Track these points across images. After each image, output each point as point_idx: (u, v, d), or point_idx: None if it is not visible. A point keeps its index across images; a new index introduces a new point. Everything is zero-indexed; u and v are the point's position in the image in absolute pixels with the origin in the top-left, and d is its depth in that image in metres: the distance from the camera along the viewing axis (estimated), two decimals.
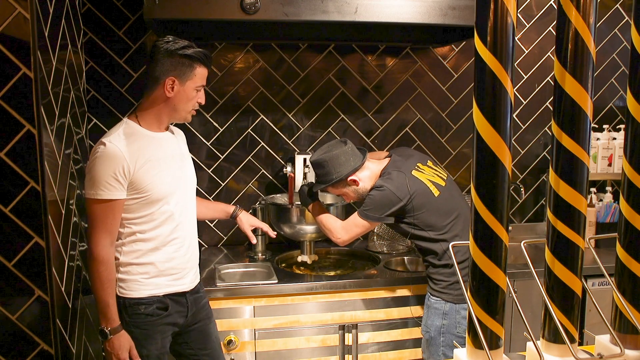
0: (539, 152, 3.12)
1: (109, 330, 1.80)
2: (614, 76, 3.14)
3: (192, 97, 1.87)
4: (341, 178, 2.19)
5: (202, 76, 1.87)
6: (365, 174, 2.23)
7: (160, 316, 1.89)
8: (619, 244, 0.95)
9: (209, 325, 2.09)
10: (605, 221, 2.97)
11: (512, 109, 0.81)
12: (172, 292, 1.92)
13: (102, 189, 1.75)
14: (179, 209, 1.91)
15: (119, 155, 1.75)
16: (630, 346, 0.95)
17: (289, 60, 2.82)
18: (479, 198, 0.83)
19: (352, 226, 2.24)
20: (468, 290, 0.88)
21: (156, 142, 1.88)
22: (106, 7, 2.59)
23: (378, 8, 2.23)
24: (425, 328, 2.24)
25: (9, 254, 1.66)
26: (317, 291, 2.33)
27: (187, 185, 1.98)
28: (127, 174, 1.77)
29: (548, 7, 3.01)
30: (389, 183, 2.14)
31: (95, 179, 1.75)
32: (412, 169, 2.20)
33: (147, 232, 1.86)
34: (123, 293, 1.86)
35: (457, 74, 2.98)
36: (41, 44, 1.67)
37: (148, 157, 1.82)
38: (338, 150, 2.20)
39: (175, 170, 1.92)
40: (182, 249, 1.94)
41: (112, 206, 1.77)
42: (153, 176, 1.82)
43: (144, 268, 1.87)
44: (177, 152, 1.96)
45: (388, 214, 2.15)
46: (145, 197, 1.82)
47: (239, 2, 2.11)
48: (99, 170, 1.75)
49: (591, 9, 0.82)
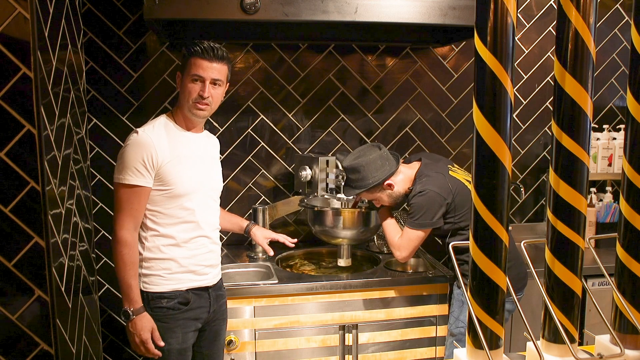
0: (539, 152, 3.12)
1: (132, 311, 1.84)
2: (614, 76, 3.14)
3: (190, 90, 1.87)
4: (378, 183, 2.19)
5: (196, 66, 1.86)
6: (399, 177, 2.24)
7: (181, 310, 1.92)
8: (619, 244, 0.95)
9: (222, 326, 2.12)
10: (605, 221, 2.97)
11: (512, 109, 0.81)
12: (195, 286, 1.95)
13: (129, 174, 1.80)
14: (200, 208, 1.94)
15: (149, 143, 1.82)
16: (630, 346, 0.95)
17: (289, 60, 2.82)
18: (479, 198, 0.83)
19: (407, 241, 2.21)
20: (468, 290, 0.88)
21: (186, 140, 1.93)
22: (106, 7, 2.59)
23: (378, 8, 2.23)
24: (457, 323, 2.25)
25: (9, 254, 1.66)
26: (317, 291, 2.33)
27: (211, 187, 2.00)
28: (155, 163, 1.82)
29: (548, 7, 3.00)
30: (430, 185, 2.13)
31: (124, 164, 1.81)
32: (447, 170, 2.21)
33: (168, 227, 1.89)
34: (146, 287, 1.90)
35: (457, 74, 2.98)
36: (41, 44, 1.67)
37: (176, 153, 1.87)
38: (374, 154, 2.20)
39: (201, 171, 1.95)
40: (203, 247, 1.97)
41: (137, 192, 1.82)
42: (179, 171, 1.86)
43: (166, 264, 1.90)
44: (205, 154, 2.00)
45: (439, 216, 2.14)
46: (169, 190, 1.86)
47: (239, 2, 2.11)
48: (129, 155, 1.81)
49: (591, 9, 0.82)
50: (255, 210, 2.70)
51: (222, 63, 1.89)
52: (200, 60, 1.86)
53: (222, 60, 1.89)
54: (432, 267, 2.53)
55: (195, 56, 1.86)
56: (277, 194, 2.89)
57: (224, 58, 1.89)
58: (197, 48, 1.86)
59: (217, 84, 1.90)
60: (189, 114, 1.92)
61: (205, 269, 1.98)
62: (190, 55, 1.87)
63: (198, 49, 1.86)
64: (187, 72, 1.88)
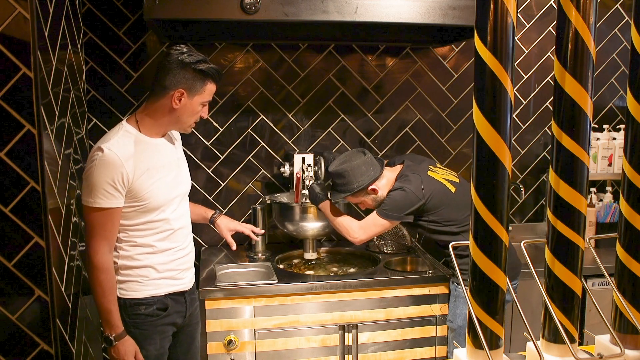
0: (539, 152, 3.12)
1: (114, 337, 1.78)
2: (614, 76, 3.14)
3: (197, 112, 1.86)
4: (362, 187, 2.25)
5: (210, 92, 1.85)
6: (382, 182, 2.31)
7: (159, 316, 1.89)
8: (619, 244, 0.95)
9: (196, 330, 2.10)
10: (605, 221, 2.97)
11: (512, 109, 0.81)
12: (173, 291, 1.92)
13: (100, 197, 1.70)
14: (175, 215, 1.91)
15: (118, 163, 1.70)
16: (630, 346, 0.95)
17: (289, 60, 2.82)
18: (479, 198, 0.83)
19: (370, 225, 2.29)
20: (468, 290, 0.88)
21: (154, 149, 1.85)
22: (106, 7, 2.59)
23: (378, 8, 2.23)
24: (452, 318, 2.32)
25: (9, 254, 1.66)
26: (317, 291, 2.33)
27: (183, 191, 1.97)
28: (125, 182, 1.73)
29: (548, 7, 3.00)
30: (408, 184, 2.22)
31: (93, 187, 1.70)
32: (426, 170, 2.29)
33: (144, 238, 1.84)
34: (124, 294, 1.84)
35: (457, 74, 2.98)
36: (41, 44, 1.67)
37: (146, 165, 1.79)
38: (359, 160, 2.27)
39: (173, 178, 1.90)
40: (180, 252, 1.94)
41: (110, 214, 1.74)
42: (151, 185, 1.79)
43: (143, 271, 1.86)
44: (174, 158, 1.94)
45: (408, 213, 2.22)
46: (143, 205, 1.79)
47: (239, 2, 2.11)
48: (97, 177, 1.69)
49: (591, 9, 0.82)
50: (255, 210, 2.70)
51: None
52: (214, 86, 1.86)
53: None
54: (432, 267, 2.53)
55: (213, 82, 1.84)
56: (277, 194, 2.89)
57: None
58: (214, 71, 1.82)
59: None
60: (181, 129, 1.91)
61: (182, 273, 1.95)
62: (207, 78, 1.81)
63: (215, 73, 1.82)
64: (200, 96, 1.82)
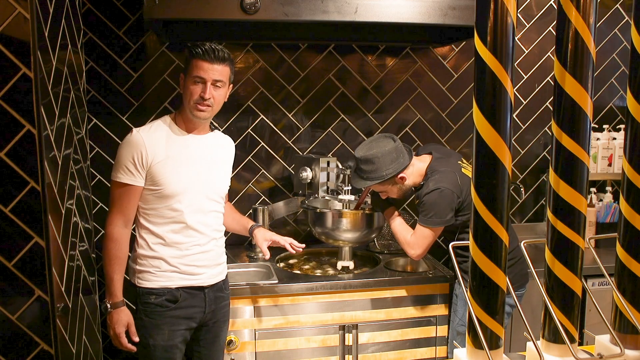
0: (539, 152, 3.12)
1: (110, 304, 1.91)
2: (614, 76, 3.14)
3: (191, 91, 1.89)
4: (392, 175, 2.15)
5: (197, 68, 1.87)
6: (410, 171, 2.20)
7: (169, 308, 1.93)
8: (619, 244, 0.95)
9: (222, 328, 2.12)
10: (605, 221, 2.97)
11: (512, 109, 0.81)
12: (187, 285, 1.96)
13: (121, 172, 1.87)
14: (191, 210, 1.93)
15: (140, 142, 1.86)
16: (630, 346, 0.95)
17: (289, 60, 2.82)
18: (479, 198, 0.83)
19: (420, 239, 2.18)
20: (468, 290, 0.88)
21: (182, 142, 1.95)
22: (106, 7, 2.59)
23: (378, 8, 2.23)
24: (461, 322, 2.24)
25: (9, 254, 1.66)
26: (317, 291, 2.33)
27: (206, 189, 1.98)
28: (144, 162, 1.86)
29: (548, 7, 3.00)
30: (443, 182, 2.11)
31: (117, 162, 1.89)
32: (458, 166, 2.19)
33: (158, 226, 1.92)
34: (139, 283, 1.94)
35: (457, 74, 2.98)
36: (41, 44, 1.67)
37: (169, 154, 1.89)
38: (389, 146, 2.15)
39: (196, 173, 1.94)
40: (196, 247, 1.97)
41: (128, 190, 1.88)
42: (169, 172, 1.88)
43: (156, 261, 1.93)
44: (206, 156, 1.99)
45: (451, 214, 2.12)
46: (158, 190, 1.89)
47: (239, 2, 2.11)
48: (121, 154, 1.88)
49: (591, 9, 0.82)
50: (255, 210, 2.70)
51: (223, 64, 1.89)
52: (202, 62, 1.87)
53: (224, 62, 1.89)
54: (432, 267, 2.53)
55: (197, 58, 1.87)
56: (277, 194, 2.89)
57: (225, 59, 1.90)
58: (199, 50, 1.86)
59: (219, 86, 1.91)
60: (190, 115, 1.93)
61: (199, 269, 1.98)
62: (192, 57, 1.88)
63: (200, 50, 1.86)
64: (189, 74, 1.89)
